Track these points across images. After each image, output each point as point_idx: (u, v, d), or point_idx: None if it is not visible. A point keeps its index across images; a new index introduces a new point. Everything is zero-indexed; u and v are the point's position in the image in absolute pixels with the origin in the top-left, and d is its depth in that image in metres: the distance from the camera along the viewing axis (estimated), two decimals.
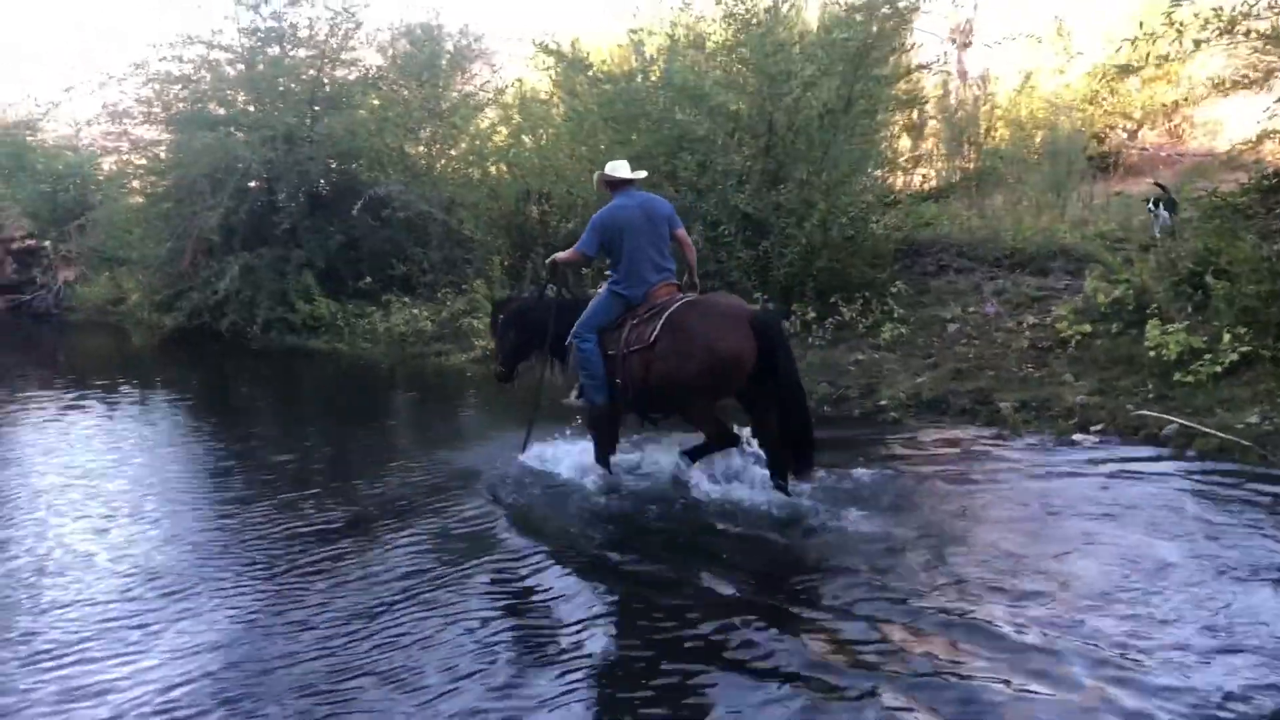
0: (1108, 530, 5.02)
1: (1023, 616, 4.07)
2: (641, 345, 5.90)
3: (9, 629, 4.53)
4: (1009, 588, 4.38)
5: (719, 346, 5.62)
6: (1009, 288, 10.22)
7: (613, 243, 6.16)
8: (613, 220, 6.15)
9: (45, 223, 21.22)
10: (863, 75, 10.42)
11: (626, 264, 6.14)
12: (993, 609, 4.16)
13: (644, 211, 6.19)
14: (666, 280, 6.21)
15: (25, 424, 9.70)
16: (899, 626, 4.08)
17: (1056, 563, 4.65)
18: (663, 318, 5.85)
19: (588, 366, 6.17)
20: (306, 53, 15.61)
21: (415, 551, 5.37)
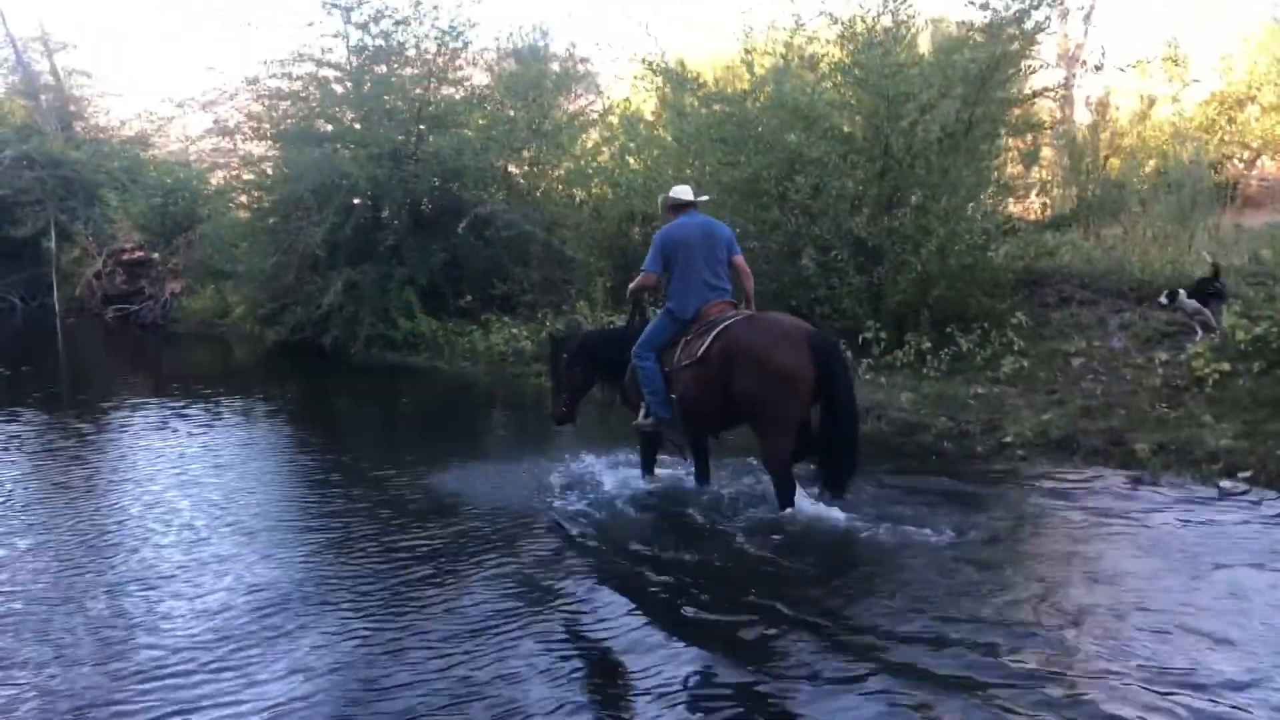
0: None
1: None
2: (691, 360, 5.99)
3: (110, 640, 4.48)
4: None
5: (776, 361, 5.67)
6: (1136, 321, 9.76)
7: (671, 258, 6.28)
8: (671, 238, 6.30)
9: (155, 235, 21.73)
10: (984, 98, 10.08)
11: (679, 279, 6.25)
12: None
13: (703, 231, 6.32)
14: (720, 299, 6.26)
15: (130, 432, 9.82)
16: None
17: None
18: (714, 331, 5.94)
19: (650, 383, 6.28)
20: (413, 71, 15.75)
21: (504, 575, 5.24)
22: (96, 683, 4.08)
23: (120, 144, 26.04)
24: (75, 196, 23.92)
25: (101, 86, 27.72)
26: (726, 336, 5.89)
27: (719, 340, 5.90)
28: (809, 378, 5.64)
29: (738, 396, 5.82)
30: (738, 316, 6.07)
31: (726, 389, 5.85)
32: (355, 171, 14.00)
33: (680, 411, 6.17)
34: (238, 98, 17.27)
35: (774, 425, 5.82)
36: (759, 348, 5.77)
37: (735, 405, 5.89)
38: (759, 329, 5.92)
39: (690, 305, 6.22)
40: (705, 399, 6.00)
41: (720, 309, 6.19)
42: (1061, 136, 14.57)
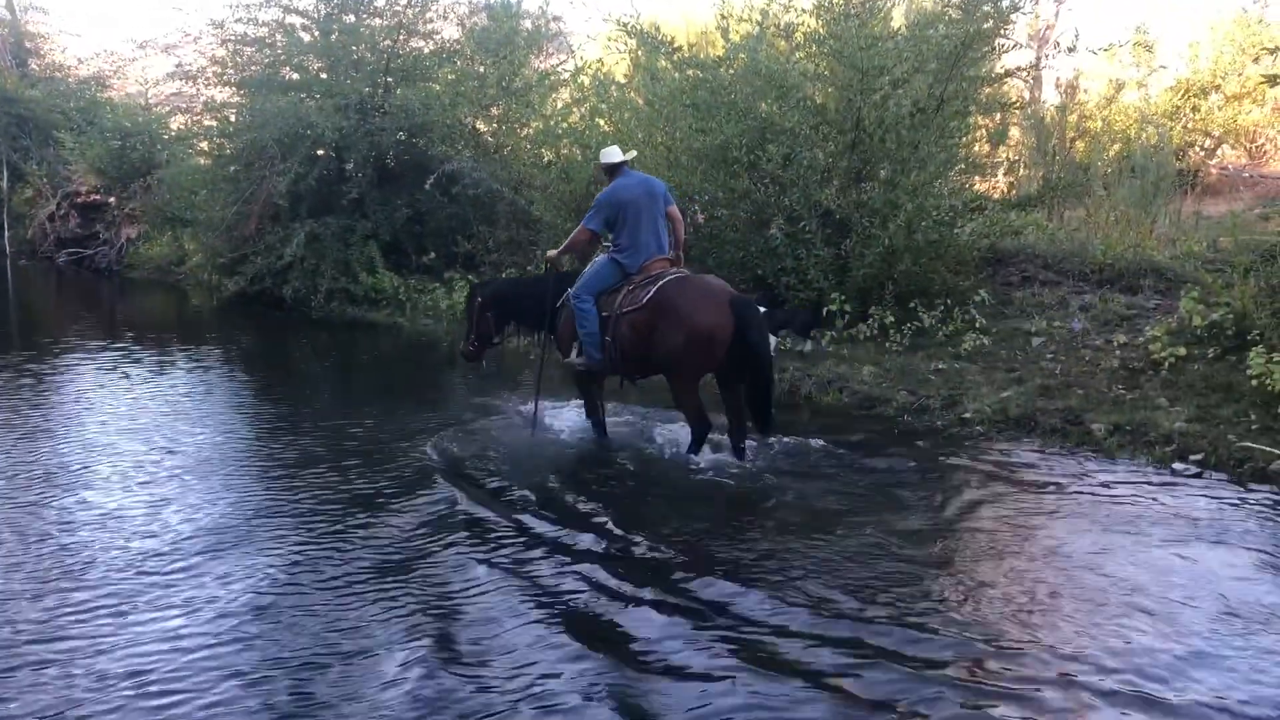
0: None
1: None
2: (634, 308, 6.55)
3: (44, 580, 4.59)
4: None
5: (700, 321, 6.29)
6: (1096, 304, 9.85)
7: (617, 218, 6.81)
8: (617, 197, 6.80)
9: (111, 179, 21.31)
10: (956, 75, 10.08)
11: (629, 236, 6.80)
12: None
13: (645, 189, 6.86)
14: (661, 255, 6.87)
15: (79, 375, 9.83)
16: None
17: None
18: (655, 286, 6.50)
19: (586, 324, 6.77)
20: (383, 22, 15.49)
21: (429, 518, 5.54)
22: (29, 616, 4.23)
23: (77, 84, 25.43)
24: (29, 136, 23.42)
25: (59, 24, 27.07)
26: (661, 292, 6.46)
27: (656, 294, 6.47)
28: (726, 335, 6.28)
29: (661, 347, 6.42)
30: (674, 275, 6.63)
31: (652, 338, 6.46)
32: (321, 122, 13.77)
33: (617, 354, 6.69)
34: (201, 41, 16.90)
35: (690, 374, 6.51)
36: (685, 305, 6.36)
37: (657, 354, 6.50)
38: (688, 288, 6.50)
39: (638, 260, 6.79)
40: (638, 345, 6.57)
41: (661, 265, 6.79)
42: (1029, 117, 14.64)
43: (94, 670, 3.74)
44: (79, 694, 3.60)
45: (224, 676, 3.70)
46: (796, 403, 8.63)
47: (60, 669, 3.77)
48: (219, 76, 16.23)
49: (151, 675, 3.72)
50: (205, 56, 16.41)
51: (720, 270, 10.86)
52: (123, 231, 21.28)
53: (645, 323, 6.48)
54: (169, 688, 3.63)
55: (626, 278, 6.79)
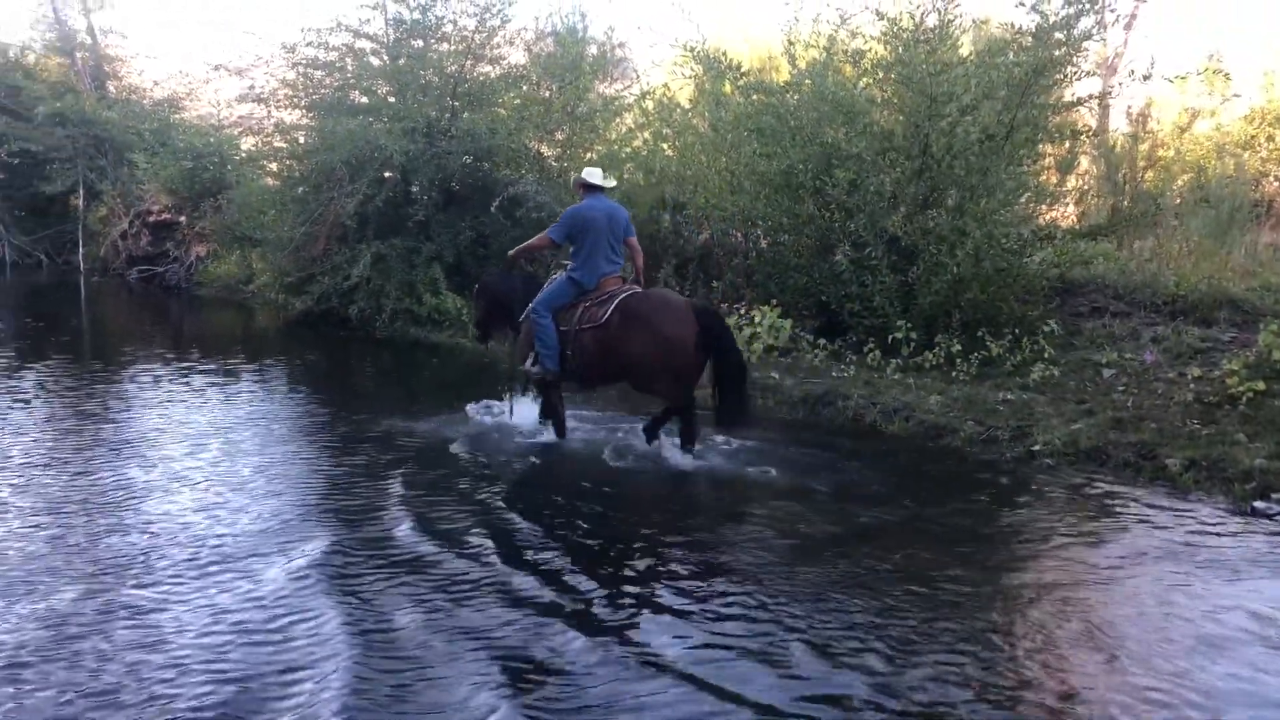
0: None
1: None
2: (593, 325, 7.12)
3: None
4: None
5: (667, 331, 6.88)
6: (1169, 336, 9.63)
7: (577, 235, 7.33)
8: (581, 216, 7.33)
9: (183, 199, 21.79)
10: (1027, 102, 9.96)
11: (585, 254, 7.32)
12: None
13: (607, 214, 7.39)
14: (615, 273, 7.43)
15: (144, 389, 10.02)
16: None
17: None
18: (614, 303, 7.07)
19: (544, 338, 7.30)
20: (450, 47, 15.67)
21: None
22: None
23: (152, 106, 26.10)
24: (105, 156, 24.07)
25: (136, 47, 27.82)
26: (625, 307, 7.04)
27: (618, 310, 7.04)
28: (692, 340, 6.86)
29: (633, 356, 6.98)
30: (633, 290, 7.26)
31: (622, 350, 7.01)
32: (388, 145, 13.94)
33: (580, 365, 7.27)
34: (272, 64, 17.21)
35: (668, 382, 7.01)
36: (651, 317, 6.96)
37: (628, 364, 7.07)
38: (650, 302, 7.12)
39: (593, 277, 7.33)
40: (602, 357, 7.15)
41: (615, 283, 7.37)
42: (1099, 146, 14.41)
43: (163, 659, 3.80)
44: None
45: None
46: (862, 431, 8.52)
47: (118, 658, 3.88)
48: (289, 99, 16.51)
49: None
50: (276, 79, 16.70)
51: (783, 295, 10.84)
52: (192, 250, 21.72)
53: (611, 337, 7.04)
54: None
55: (582, 294, 7.34)
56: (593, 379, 7.52)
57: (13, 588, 4.63)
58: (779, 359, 10.29)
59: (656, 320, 6.93)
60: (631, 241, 7.69)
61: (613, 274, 7.43)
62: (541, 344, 7.32)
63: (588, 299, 7.29)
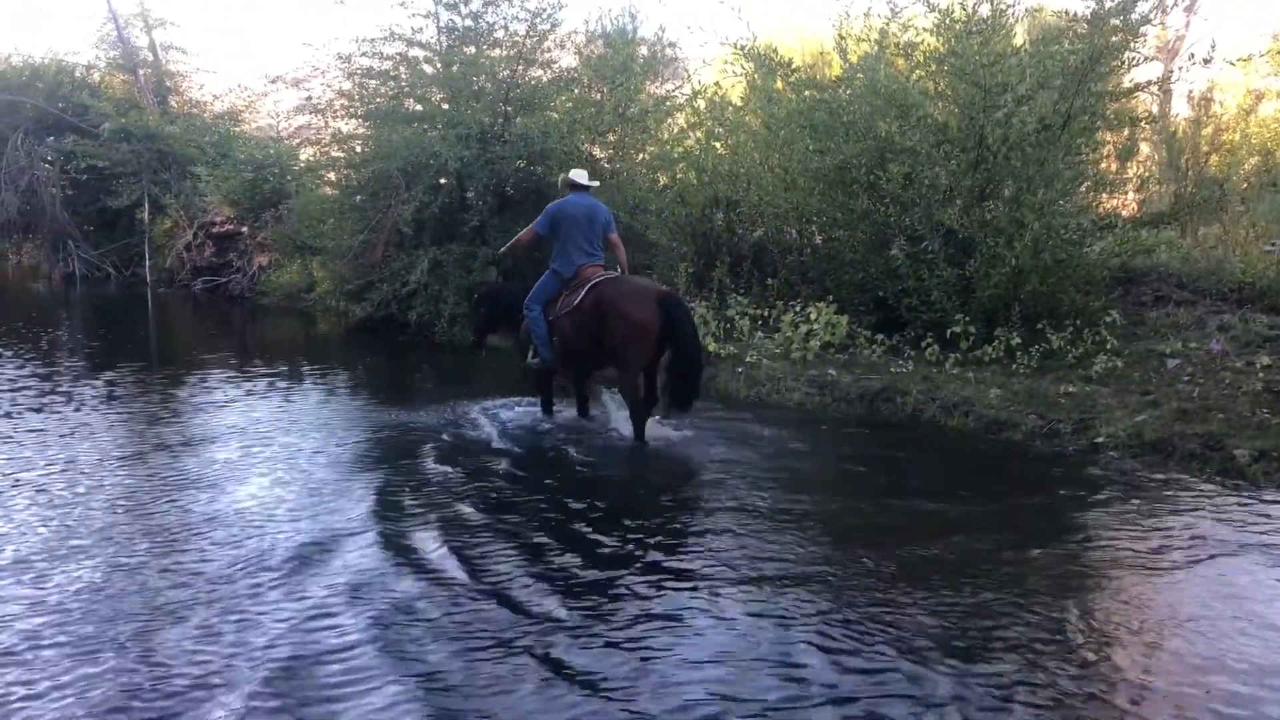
0: None
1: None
2: (569, 309, 7.65)
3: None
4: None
5: (634, 314, 7.30)
6: (1236, 324, 9.46)
7: (557, 227, 7.92)
8: (562, 210, 7.94)
9: (244, 210, 22.17)
10: (1084, 90, 9.82)
11: (561, 245, 7.93)
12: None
13: (587, 211, 7.97)
14: (593, 263, 7.93)
15: (209, 395, 10.22)
16: None
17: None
18: (587, 287, 7.55)
19: (535, 329, 7.94)
20: (502, 53, 15.81)
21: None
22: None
23: (213, 119, 26.61)
24: (169, 170, 24.54)
25: (197, 62, 28.37)
26: (596, 292, 7.49)
27: (590, 295, 7.50)
28: (656, 327, 7.27)
29: (603, 340, 7.45)
30: (605, 277, 7.67)
31: (595, 334, 7.48)
32: (443, 151, 14.10)
33: (561, 351, 7.84)
34: (329, 75, 17.49)
35: (630, 363, 7.42)
36: (619, 302, 7.37)
37: (601, 347, 7.53)
38: (620, 288, 7.51)
39: (570, 267, 7.88)
40: (579, 341, 7.65)
41: (593, 270, 7.83)
42: (1160, 132, 14.15)
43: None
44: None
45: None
46: (919, 426, 8.46)
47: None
48: (345, 109, 16.77)
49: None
50: (332, 90, 16.97)
51: (839, 291, 10.80)
52: (255, 260, 22.09)
53: (584, 320, 7.53)
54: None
55: (564, 285, 7.88)
56: (573, 362, 8.02)
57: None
58: (835, 355, 10.25)
59: (624, 305, 7.36)
60: (613, 238, 8.22)
61: (590, 263, 7.92)
62: (536, 336, 7.96)
63: (568, 288, 7.84)
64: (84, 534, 5.51)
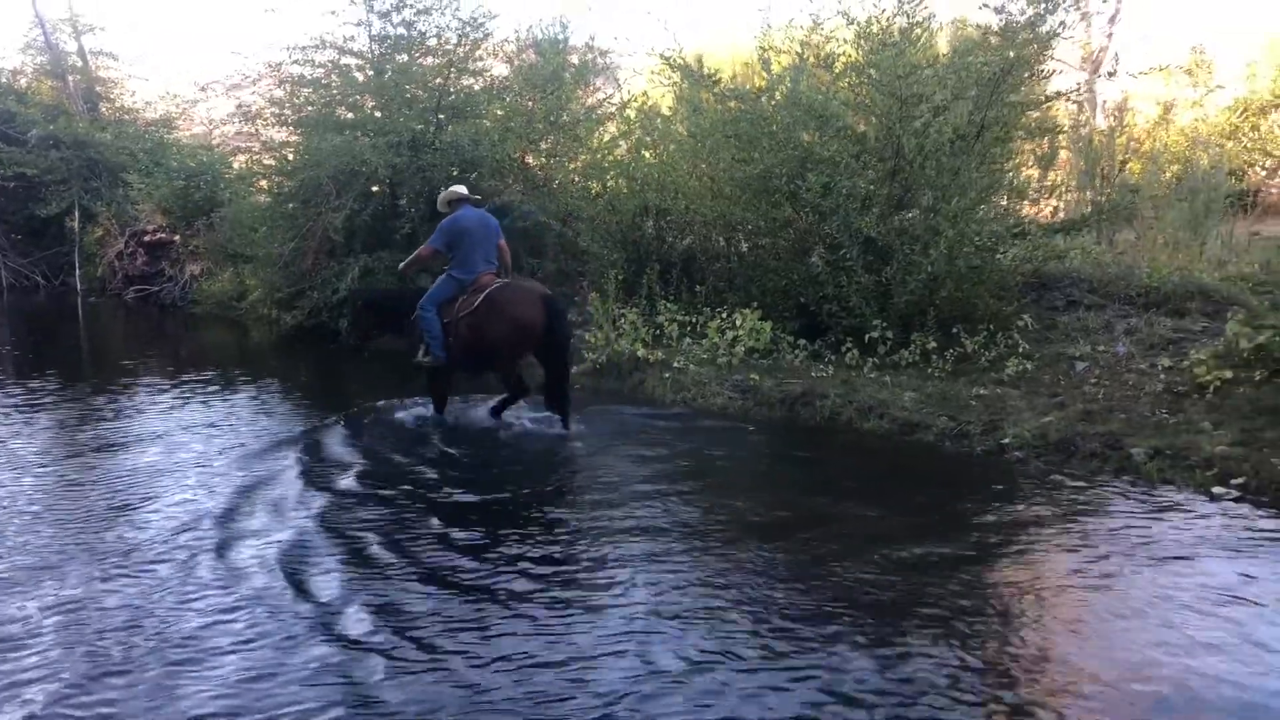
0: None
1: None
2: (467, 311, 8.33)
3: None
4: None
5: (519, 314, 8.21)
6: (1142, 327, 9.79)
7: (455, 242, 8.56)
8: (458, 225, 8.58)
9: (176, 218, 21.93)
10: (997, 101, 10.11)
11: (463, 256, 8.56)
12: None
13: (480, 221, 8.68)
14: (490, 270, 8.65)
15: (136, 404, 10.23)
16: None
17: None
18: (484, 293, 8.32)
19: (430, 329, 8.48)
20: (434, 61, 15.86)
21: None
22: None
23: (145, 126, 26.29)
24: (99, 177, 24.21)
25: (128, 69, 27.97)
26: (488, 296, 8.28)
27: (486, 299, 8.26)
28: (539, 326, 8.19)
29: (489, 338, 8.24)
30: (499, 282, 8.47)
31: (483, 332, 8.24)
32: (374, 159, 14.10)
33: (460, 351, 8.43)
34: (260, 83, 17.42)
35: (509, 356, 8.42)
36: (507, 305, 8.23)
37: (487, 344, 8.27)
38: (509, 292, 8.36)
39: (472, 273, 8.54)
40: (475, 341, 8.34)
41: (489, 278, 8.55)
42: (1078, 140, 14.57)
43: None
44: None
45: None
46: (836, 429, 8.66)
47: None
48: (277, 117, 16.70)
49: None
50: (263, 98, 16.90)
51: (764, 298, 10.99)
52: (187, 268, 21.86)
53: (478, 321, 8.26)
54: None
55: (462, 289, 8.53)
56: (469, 362, 8.66)
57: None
58: (759, 361, 10.42)
59: (512, 307, 8.23)
60: (502, 244, 8.90)
61: (487, 271, 8.63)
62: (429, 334, 8.50)
63: (465, 292, 8.51)
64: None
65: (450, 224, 8.60)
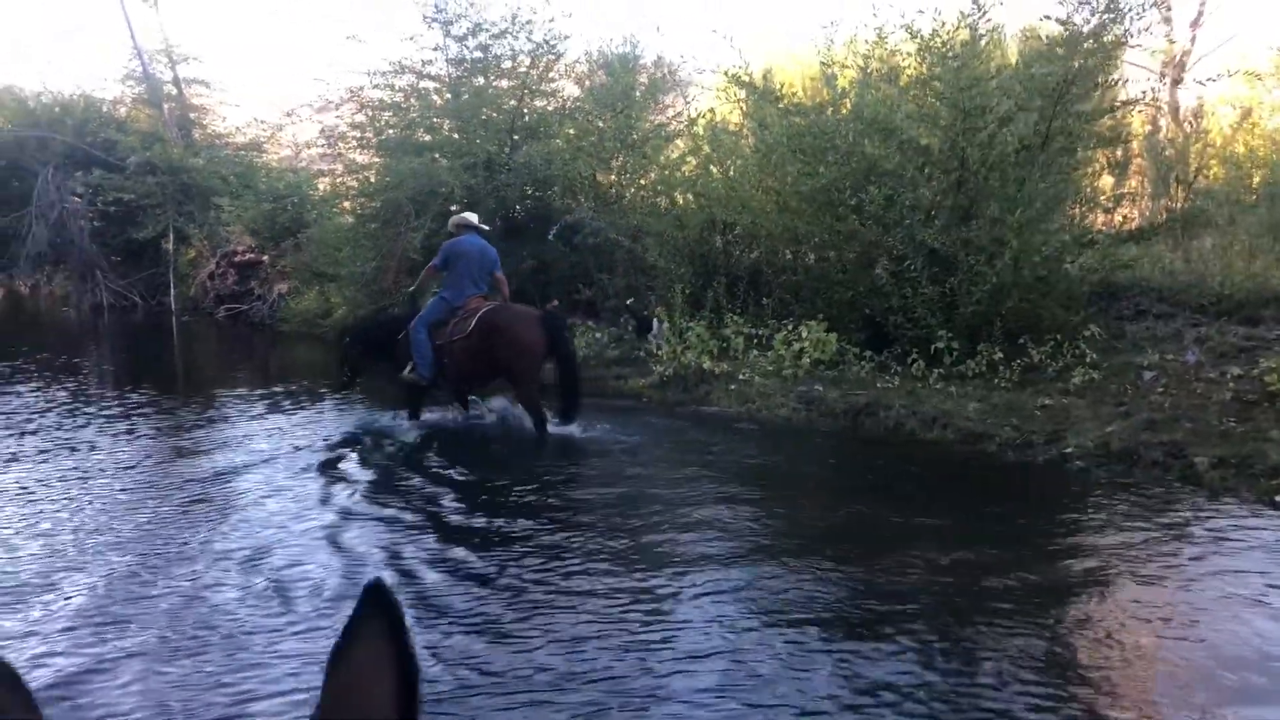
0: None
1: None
2: (462, 335, 8.74)
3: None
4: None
5: (523, 337, 8.60)
6: (1213, 336, 9.69)
7: (451, 263, 9.07)
8: (455, 247, 9.13)
9: (265, 239, 22.77)
10: (1062, 111, 10.11)
11: (454, 278, 9.06)
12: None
13: (478, 249, 9.18)
14: (479, 294, 9.15)
15: (227, 417, 10.63)
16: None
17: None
18: (475, 317, 8.73)
19: (420, 349, 8.91)
20: (509, 83, 16.31)
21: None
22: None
23: (235, 151, 27.28)
24: (192, 201, 25.18)
25: (220, 96, 29.04)
26: (484, 319, 8.68)
27: (480, 322, 8.67)
28: (541, 345, 8.59)
29: (498, 360, 8.68)
30: (489, 305, 8.93)
31: (487, 355, 8.67)
32: (451, 180, 14.56)
33: (453, 372, 8.92)
34: (343, 107, 18.04)
35: (523, 377, 8.75)
36: (507, 326, 8.64)
37: (494, 366, 8.76)
38: (507, 314, 8.82)
39: (461, 296, 9.02)
40: (470, 362, 8.79)
41: (479, 302, 9.02)
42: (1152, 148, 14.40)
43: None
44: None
45: None
46: (899, 439, 8.74)
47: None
48: (359, 140, 17.30)
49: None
50: (346, 122, 17.52)
51: (830, 310, 11.12)
52: (275, 287, 22.62)
53: (476, 346, 8.67)
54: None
55: (452, 312, 8.95)
56: (464, 381, 9.19)
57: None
58: (826, 372, 10.54)
59: (514, 330, 8.63)
60: (498, 275, 9.36)
61: (476, 294, 9.12)
62: (418, 354, 8.93)
63: (456, 315, 8.93)
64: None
65: (451, 246, 9.17)
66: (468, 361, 8.80)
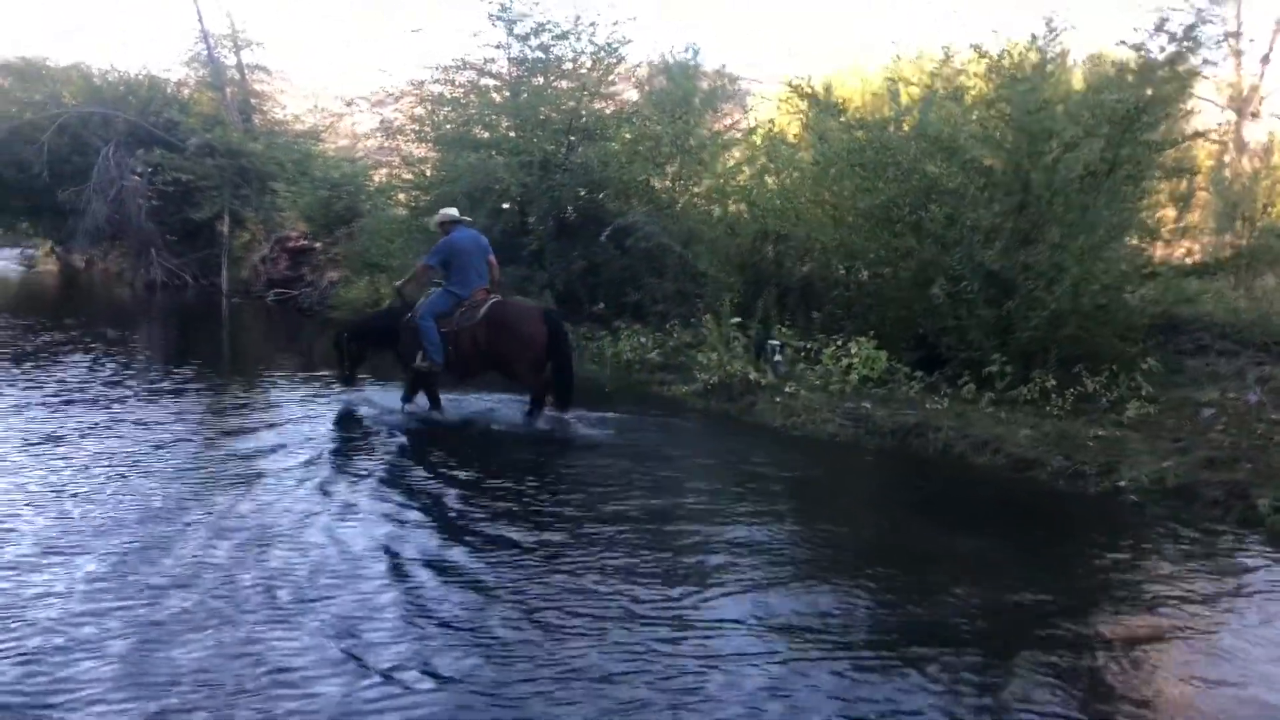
0: None
1: None
2: (471, 324, 9.19)
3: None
4: None
5: (526, 330, 9.18)
6: (1277, 375, 9.46)
7: (451, 260, 9.38)
8: (453, 244, 9.44)
9: (319, 226, 22.98)
10: (1130, 139, 9.92)
11: (459, 273, 9.37)
12: None
13: (474, 241, 9.60)
14: (483, 286, 9.50)
15: (270, 400, 10.96)
16: None
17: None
18: (484, 307, 9.22)
19: (430, 337, 9.19)
20: (568, 84, 16.33)
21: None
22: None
23: (293, 138, 27.58)
24: (249, 185, 25.51)
25: (280, 83, 29.37)
26: (491, 312, 9.19)
27: (488, 315, 9.16)
28: (542, 339, 9.14)
29: (501, 352, 9.18)
30: (496, 299, 9.41)
31: (491, 347, 9.15)
32: (507, 177, 14.60)
33: (459, 359, 9.27)
34: (403, 100, 18.18)
35: (526, 369, 9.26)
36: (512, 321, 9.20)
37: (496, 357, 9.24)
38: (511, 309, 9.44)
39: (468, 289, 9.35)
40: (473, 351, 9.21)
41: (484, 294, 9.44)
42: (1218, 182, 14.12)
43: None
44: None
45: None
46: (947, 462, 8.60)
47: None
48: (417, 133, 17.40)
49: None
50: (405, 114, 17.63)
51: (882, 327, 11.00)
52: (326, 275, 22.82)
53: (484, 335, 9.13)
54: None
55: (459, 303, 9.30)
56: (469, 370, 9.53)
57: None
58: (873, 390, 10.41)
59: (518, 324, 9.18)
60: (491, 259, 9.69)
61: (481, 287, 9.45)
62: (429, 342, 9.19)
63: (464, 306, 9.29)
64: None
65: (446, 244, 9.45)
66: (473, 350, 9.21)
